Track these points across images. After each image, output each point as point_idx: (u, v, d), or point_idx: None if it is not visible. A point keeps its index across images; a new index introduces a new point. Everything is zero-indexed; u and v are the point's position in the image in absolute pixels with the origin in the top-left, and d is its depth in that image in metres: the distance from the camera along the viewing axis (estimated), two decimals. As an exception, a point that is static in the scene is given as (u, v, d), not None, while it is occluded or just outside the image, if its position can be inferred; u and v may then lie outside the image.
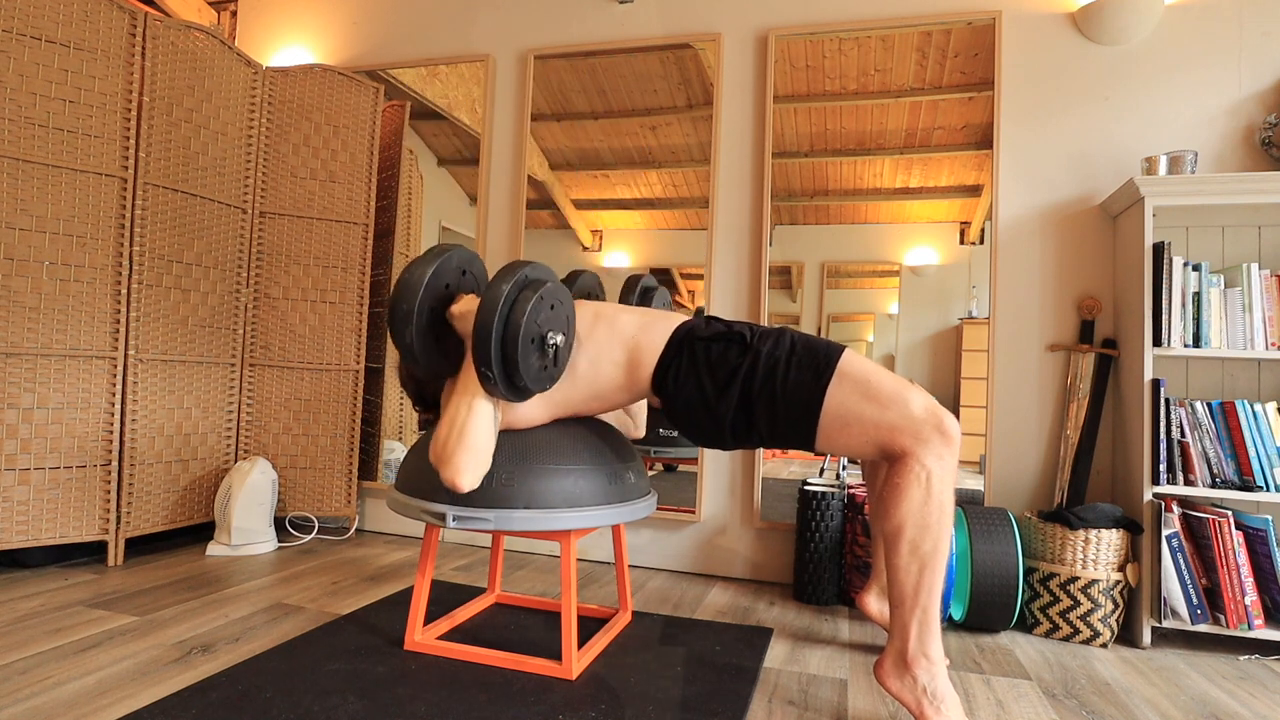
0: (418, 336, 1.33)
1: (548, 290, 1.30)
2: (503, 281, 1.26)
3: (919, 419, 1.23)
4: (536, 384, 1.33)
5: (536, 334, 1.28)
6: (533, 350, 1.28)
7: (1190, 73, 2.05)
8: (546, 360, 1.33)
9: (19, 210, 1.94)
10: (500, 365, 1.26)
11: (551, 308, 1.31)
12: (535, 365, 1.30)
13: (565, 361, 1.40)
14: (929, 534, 1.20)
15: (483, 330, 1.23)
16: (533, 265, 1.33)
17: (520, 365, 1.25)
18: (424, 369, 1.39)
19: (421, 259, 1.37)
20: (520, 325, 1.23)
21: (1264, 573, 1.71)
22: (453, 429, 1.31)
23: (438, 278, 1.37)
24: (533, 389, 1.33)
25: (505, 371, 1.27)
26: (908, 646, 1.24)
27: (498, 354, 1.24)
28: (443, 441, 1.31)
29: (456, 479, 1.28)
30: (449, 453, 1.29)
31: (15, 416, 1.95)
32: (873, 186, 2.27)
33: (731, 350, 1.37)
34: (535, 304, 1.26)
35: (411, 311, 1.32)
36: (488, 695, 1.31)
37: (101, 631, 1.58)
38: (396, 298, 1.33)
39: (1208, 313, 1.81)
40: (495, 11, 2.66)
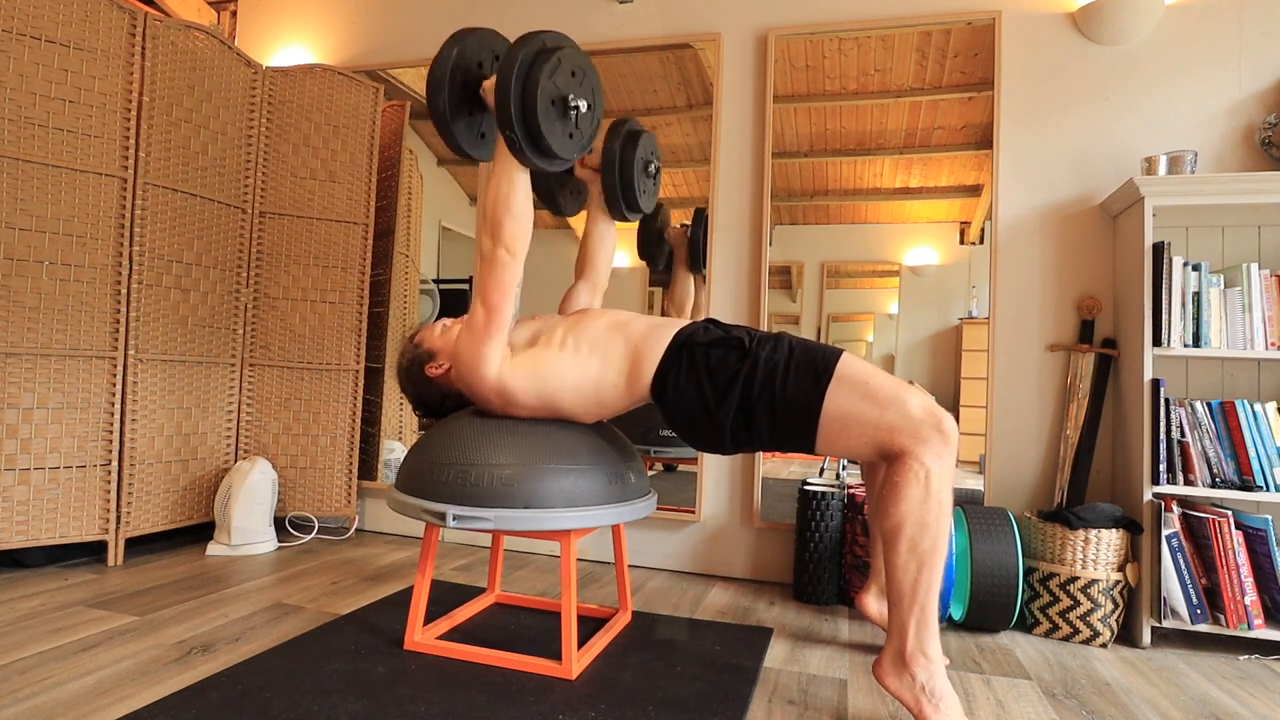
0: (449, 105, 1.38)
1: (566, 54, 1.34)
2: (522, 44, 1.30)
3: (917, 419, 1.23)
4: (564, 149, 1.37)
5: (556, 95, 1.32)
6: (554, 113, 1.33)
7: (1190, 73, 2.05)
8: (570, 126, 1.38)
9: (19, 210, 1.94)
10: (523, 126, 1.30)
11: (573, 74, 1.36)
12: (559, 129, 1.35)
13: (591, 133, 1.45)
14: (928, 533, 1.21)
15: (502, 89, 1.27)
16: (551, 33, 1.37)
17: (543, 127, 1.30)
18: (455, 141, 1.43)
19: (453, 35, 1.42)
20: (539, 85, 1.27)
21: (1264, 573, 1.71)
22: (497, 202, 1.40)
23: (469, 52, 1.41)
24: (561, 155, 1.38)
25: (529, 134, 1.32)
26: (906, 645, 1.24)
27: (518, 113, 1.29)
28: (491, 213, 1.40)
29: (510, 243, 1.39)
30: (499, 221, 1.39)
31: (15, 416, 1.95)
32: (873, 186, 2.27)
33: (730, 355, 1.37)
34: (554, 65, 1.30)
35: (443, 79, 1.36)
36: (487, 695, 1.31)
37: (101, 631, 1.58)
38: (431, 70, 1.37)
39: (1208, 313, 1.81)
40: (495, 12, 2.66)
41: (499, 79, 1.29)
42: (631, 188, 1.72)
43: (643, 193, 1.77)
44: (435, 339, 1.60)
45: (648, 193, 1.80)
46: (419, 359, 1.60)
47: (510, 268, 1.41)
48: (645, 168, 1.77)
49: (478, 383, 1.46)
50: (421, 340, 1.62)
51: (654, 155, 1.81)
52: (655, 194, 1.86)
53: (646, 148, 1.77)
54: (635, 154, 1.70)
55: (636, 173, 1.71)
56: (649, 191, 1.81)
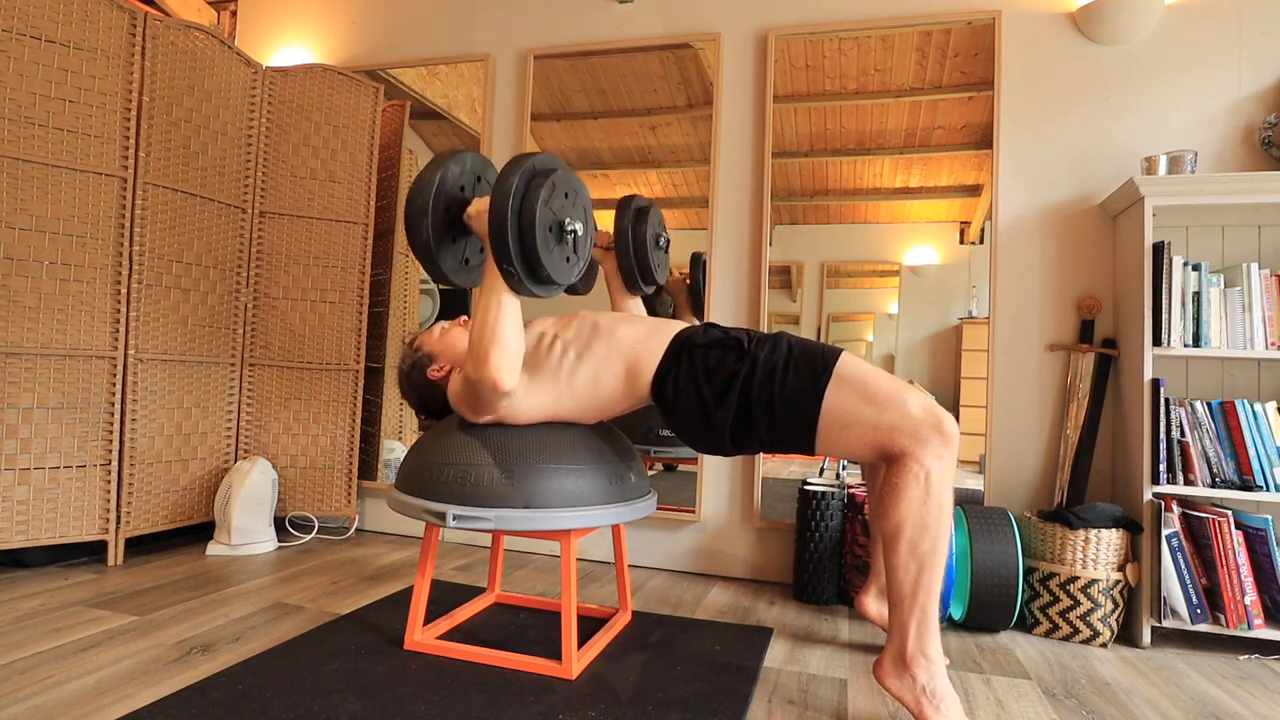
0: (433, 233, 1.31)
1: (559, 177, 1.28)
2: (512, 172, 1.24)
3: (917, 419, 1.23)
4: (562, 275, 1.33)
5: (553, 221, 1.28)
6: (552, 239, 1.28)
7: (1190, 73, 2.05)
8: (568, 250, 1.33)
9: (19, 210, 1.94)
10: (521, 258, 1.25)
11: (566, 195, 1.31)
12: (557, 256, 1.30)
13: (588, 253, 1.40)
14: (928, 534, 1.20)
15: (498, 224, 1.22)
16: (541, 155, 1.32)
17: (542, 256, 1.25)
18: (443, 274, 1.38)
19: (433, 160, 1.35)
20: (535, 213, 1.22)
21: (1264, 572, 1.71)
22: (484, 329, 1.31)
23: (451, 177, 1.35)
24: (558, 281, 1.33)
25: (527, 264, 1.26)
26: (907, 646, 1.24)
27: (516, 246, 1.23)
28: (477, 342, 1.32)
29: (497, 377, 1.30)
30: (485, 352, 1.30)
31: (15, 416, 1.95)
32: (873, 186, 2.27)
33: (729, 357, 1.37)
34: (548, 191, 1.25)
35: (426, 206, 1.29)
36: (487, 695, 1.31)
37: (101, 631, 1.58)
38: (411, 195, 1.31)
39: (1208, 312, 1.81)
40: (495, 11, 2.66)
41: (493, 210, 1.23)
42: (646, 263, 1.75)
43: (657, 267, 1.80)
44: (434, 342, 1.60)
45: (661, 266, 1.83)
46: (419, 363, 1.60)
47: (497, 399, 1.35)
48: (656, 242, 1.80)
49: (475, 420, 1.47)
50: (421, 344, 1.62)
51: (662, 228, 1.83)
52: (667, 265, 1.90)
53: (655, 222, 1.80)
54: (646, 230, 1.73)
55: (649, 248, 1.75)
56: (662, 265, 1.84)
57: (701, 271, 2.30)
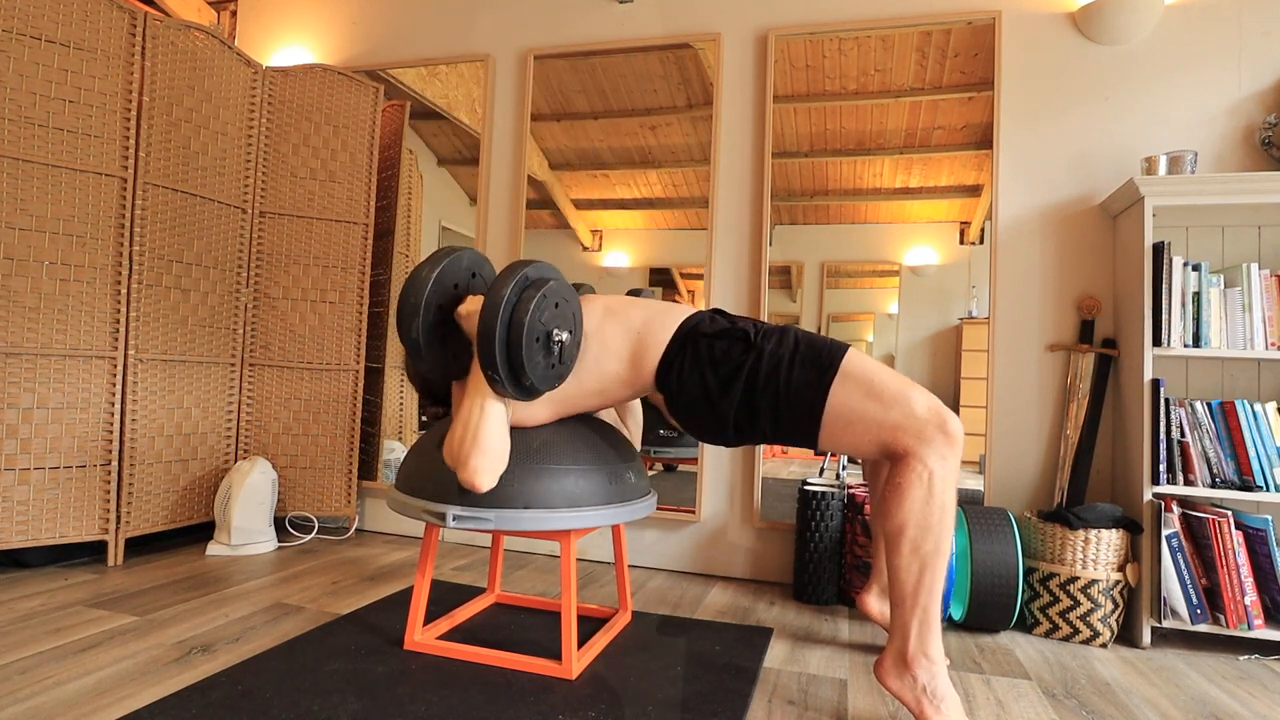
0: (424, 333, 1.33)
1: (551, 289, 1.29)
2: (505, 282, 1.26)
3: (922, 418, 1.23)
4: (544, 383, 1.33)
5: (541, 332, 1.28)
6: (538, 349, 1.28)
7: (1190, 73, 2.05)
8: (553, 359, 1.33)
9: (19, 210, 1.94)
10: (506, 367, 1.26)
11: (556, 305, 1.31)
12: (542, 365, 1.30)
13: (573, 359, 1.40)
14: (930, 534, 1.20)
15: (486, 332, 1.23)
16: (535, 264, 1.32)
17: (526, 365, 1.25)
18: (429, 367, 1.38)
19: (430, 258, 1.36)
20: (524, 325, 1.23)
21: (1264, 573, 1.71)
22: (466, 432, 1.32)
23: (446, 276, 1.36)
24: (541, 388, 1.33)
25: (512, 372, 1.28)
26: (908, 646, 1.24)
27: (503, 355, 1.25)
28: (458, 444, 1.32)
29: (475, 480, 1.30)
30: (465, 455, 1.31)
31: (15, 416, 1.95)
32: (873, 186, 2.27)
33: (735, 347, 1.37)
34: (539, 303, 1.26)
35: (419, 307, 1.31)
36: (487, 695, 1.31)
37: (101, 631, 1.58)
38: (405, 293, 1.32)
39: (1208, 313, 1.81)
40: (495, 11, 2.66)
41: (483, 319, 1.24)
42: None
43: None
44: None
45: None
46: None
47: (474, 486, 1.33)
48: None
49: None
50: None
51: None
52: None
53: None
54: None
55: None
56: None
57: None
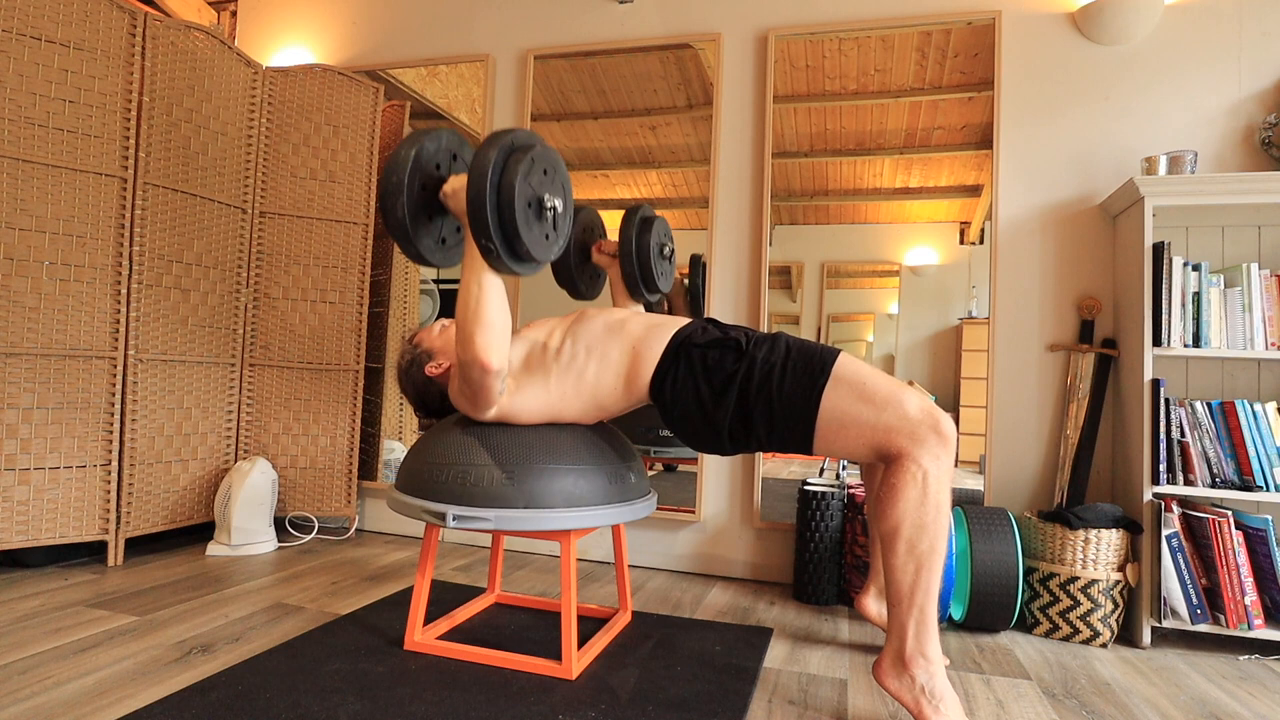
0: (408, 211, 1.29)
1: (538, 153, 1.26)
2: (489, 148, 1.22)
3: (915, 420, 1.23)
4: (541, 253, 1.30)
5: (532, 197, 1.25)
6: (531, 215, 1.26)
7: (1190, 73, 2.05)
8: (547, 227, 1.30)
9: (19, 210, 1.94)
10: (500, 234, 1.23)
11: (545, 172, 1.28)
12: (536, 232, 1.28)
13: (567, 230, 1.38)
14: (925, 534, 1.21)
15: (476, 198, 1.19)
16: (519, 131, 1.29)
17: (521, 232, 1.23)
18: (416, 250, 1.36)
19: (408, 138, 1.33)
20: (514, 188, 1.20)
21: (1264, 573, 1.71)
22: (468, 310, 1.30)
23: (426, 155, 1.32)
24: (538, 258, 1.31)
25: (506, 240, 1.24)
26: (905, 646, 1.24)
27: (495, 221, 1.21)
28: (461, 324, 1.31)
29: (483, 357, 1.30)
30: (469, 335, 1.30)
31: (15, 416, 1.95)
32: (873, 186, 2.27)
33: (727, 356, 1.37)
34: (527, 166, 1.22)
35: (401, 184, 1.27)
36: (487, 695, 1.31)
37: (101, 631, 1.58)
38: (386, 173, 1.28)
39: (1208, 313, 1.81)
40: (495, 11, 2.66)
41: (471, 184, 1.20)
42: (650, 272, 1.77)
43: (660, 275, 1.82)
44: (434, 339, 1.60)
45: (665, 274, 1.85)
46: (418, 360, 1.60)
47: (489, 381, 1.34)
48: (660, 251, 1.82)
49: (477, 417, 1.47)
50: (420, 341, 1.62)
51: (668, 238, 1.85)
52: (672, 274, 1.92)
53: (660, 232, 1.82)
54: (650, 239, 1.75)
55: (653, 257, 1.77)
56: (666, 273, 1.86)
57: (701, 275, 2.31)
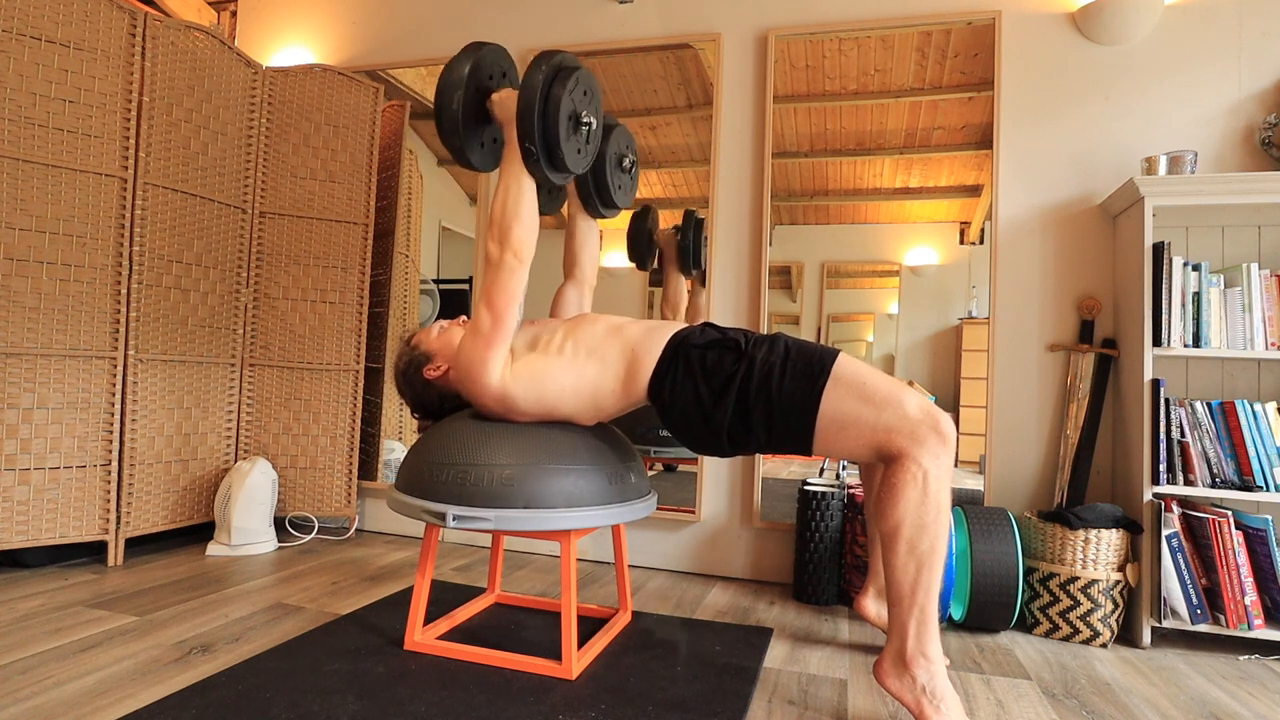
0: (463, 107, 1.43)
1: (582, 75, 1.42)
2: (541, 63, 1.38)
3: (915, 419, 1.23)
4: (575, 164, 1.46)
5: (572, 112, 1.41)
6: (570, 128, 1.41)
7: (1190, 73, 2.05)
8: (581, 141, 1.46)
9: (19, 210, 1.94)
10: (542, 139, 1.38)
11: (585, 94, 1.44)
12: (572, 144, 1.43)
13: (597, 146, 1.54)
14: (926, 533, 1.21)
15: (527, 107, 1.36)
16: (566, 54, 1.44)
17: (561, 142, 1.38)
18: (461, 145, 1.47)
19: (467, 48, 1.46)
20: (560, 102, 1.36)
21: (1264, 573, 1.71)
22: (506, 206, 1.43)
23: (483, 64, 1.47)
24: (571, 168, 1.46)
25: (547, 146, 1.39)
26: (906, 646, 1.24)
27: (539, 127, 1.37)
28: (499, 218, 1.43)
29: (520, 248, 1.42)
30: (508, 226, 1.42)
31: (15, 416, 1.95)
32: (873, 186, 2.27)
33: (726, 357, 1.37)
34: (573, 85, 1.39)
35: (462, 79, 1.42)
36: (487, 695, 1.31)
37: (101, 631, 1.58)
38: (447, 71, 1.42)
39: (1208, 313, 1.81)
40: (495, 12, 2.66)
41: (524, 93, 1.36)
42: (605, 184, 1.76)
43: (618, 188, 1.80)
44: (432, 341, 1.60)
45: (624, 188, 1.84)
46: (416, 361, 1.60)
47: (518, 273, 1.43)
48: (619, 163, 1.80)
49: (479, 389, 1.45)
50: (418, 342, 1.62)
51: (629, 150, 1.83)
52: (633, 190, 1.89)
53: (620, 142, 1.79)
54: (608, 149, 1.74)
55: (610, 168, 1.76)
56: (625, 187, 1.84)
57: (694, 230, 2.27)
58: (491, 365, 1.43)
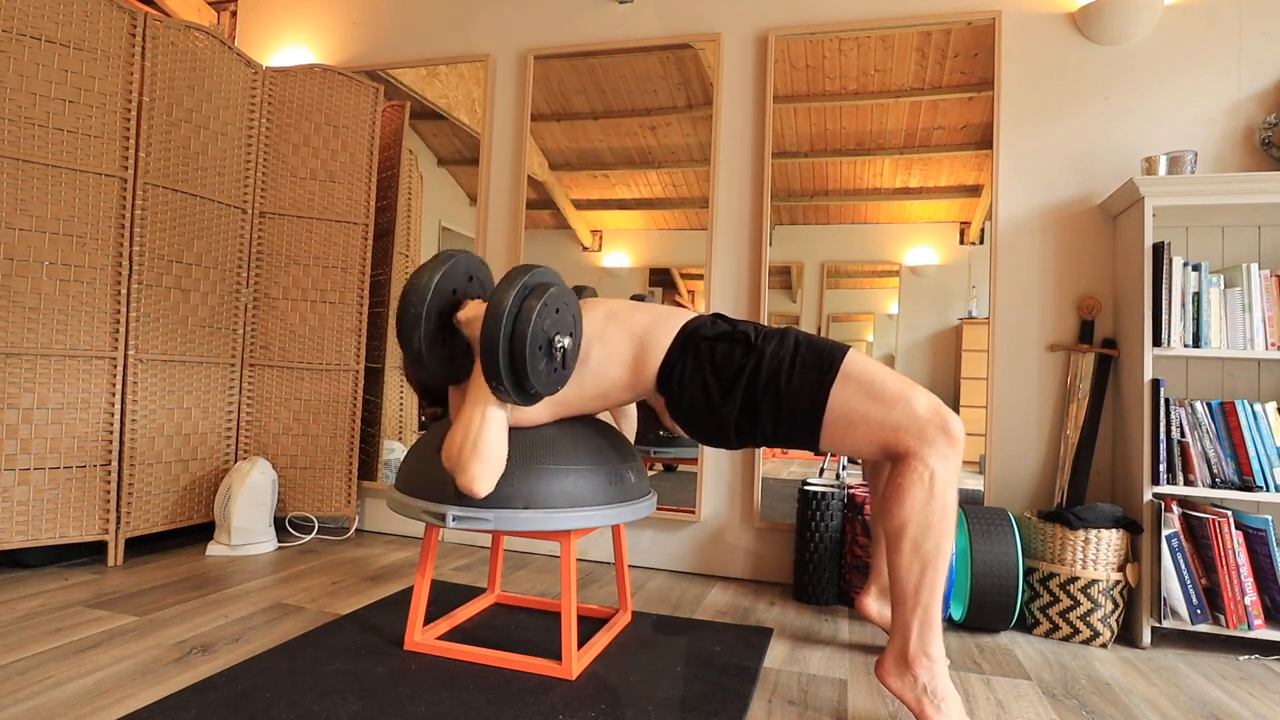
0: (425, 341, 1.34)
1: (552, 295, 1.30)
2: (506, 289, 1.26)
3: (923, 418, 1.23)
4: (547, 388, 1.34)
5: (544, 339, 1.29)
6: (541, 356, 1.29)
7: (1190, 73, 2.05)
8: (555, 364, 1.34)
9: (19, 210, 1.94)
10: (510, 374, 1.27)
11: (556, 311, 1.31)
12: (544, 371, 1.31)
13: (574, 362, 1.40)
14: (931, 534, 1.20)
15: (489, 345, 1.24)
16: (536, 270, 1.32)
17: (530, 373, 1.26)
18: (431, 374, 1.39)
19: (428, 264, 1.37)
20: (527, 333, 1.24)
21: (1264, 573, 1.71)
22: (466, 439, 1.32)
23: (445, 282, 1.37)
24: (543, 393, 1.34)
25: (515, 379, 1.28)
26: (909, 645, 1.24)
27: (506, 364, 1.26)
28: (457, 450, 1.33)
29: (473, 486, 1.31)
30: (464, 462, 1.31)
31: (15, 416, 1.95)
32: (873, 186, 2.27)
33: (736, 350, 1.37)
34: (540, 310, 1.26)
35: (420, 316, 1.32)
36: (487, 695, 1.31)
37: (101, 631, 1.58)
38: (404, 302, 1.33)
39: (1208, 313, 1.81)
40: (495, 11, 2.66)
41: (485, 330, 1.24)
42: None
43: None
44: None
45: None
46: None
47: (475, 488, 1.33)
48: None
49: None
50: None
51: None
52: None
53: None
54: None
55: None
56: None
57: None
58: None
